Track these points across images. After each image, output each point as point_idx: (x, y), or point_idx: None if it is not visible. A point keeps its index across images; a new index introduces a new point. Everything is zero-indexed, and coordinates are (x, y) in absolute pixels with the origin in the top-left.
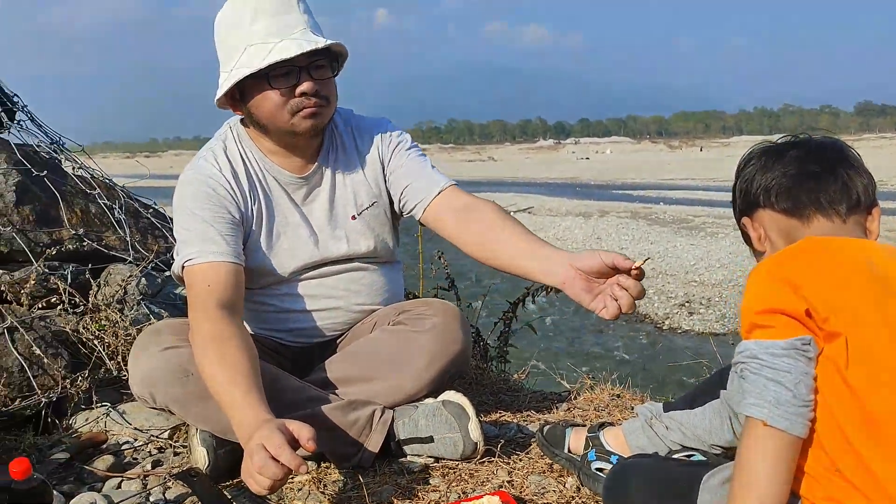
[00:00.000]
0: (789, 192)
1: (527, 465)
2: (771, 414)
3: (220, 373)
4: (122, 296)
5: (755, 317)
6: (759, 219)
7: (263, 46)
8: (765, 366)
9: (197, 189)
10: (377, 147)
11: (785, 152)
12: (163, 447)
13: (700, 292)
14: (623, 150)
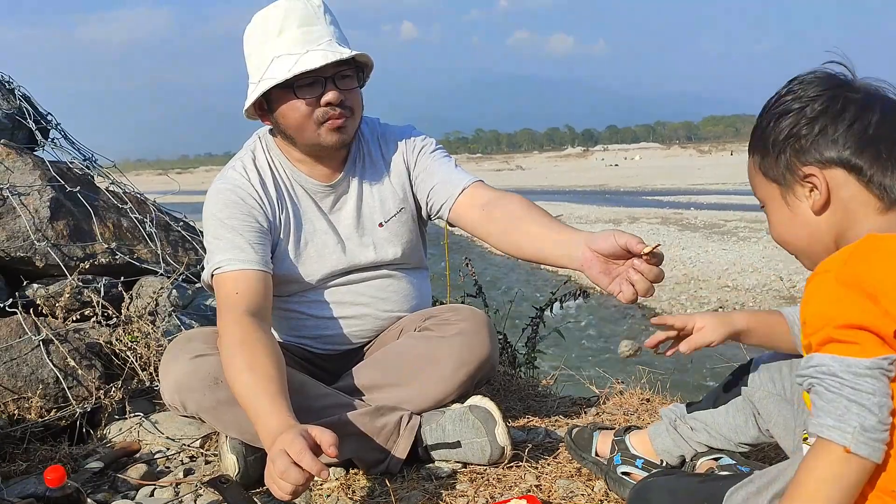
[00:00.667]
0: (888, 166)
1: (555, 470)
2: (855, 441)
3: (246, 379)
4: (154, 307)
5: (835, 331)
6: (833, 177)
7: (290, 57)
8: (845, 385)
9: (226, 198)
10: (402, 154)
11: (863, 101)
12: (194, 456)
13: (734, 297)
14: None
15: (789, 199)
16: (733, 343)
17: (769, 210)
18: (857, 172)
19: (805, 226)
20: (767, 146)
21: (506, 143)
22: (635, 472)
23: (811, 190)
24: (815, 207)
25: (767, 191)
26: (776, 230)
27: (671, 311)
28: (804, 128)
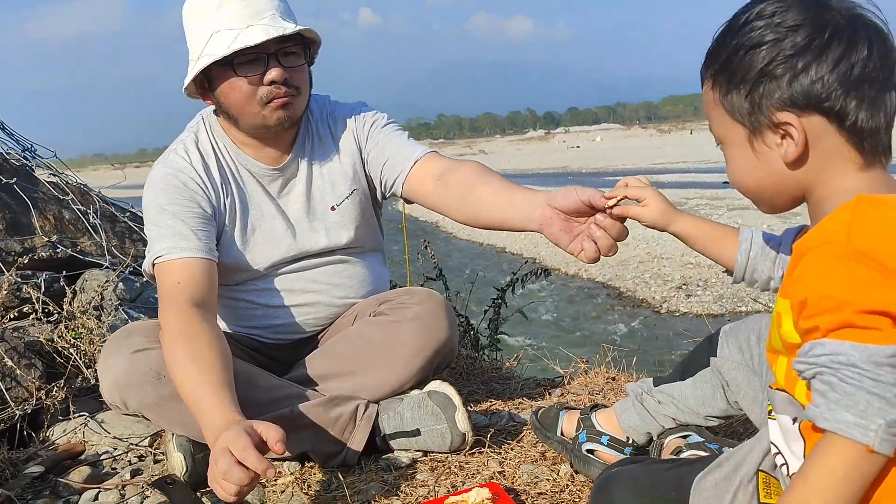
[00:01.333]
0: (874, 107)
1: (519, 455)
2: (879, 439)
3: (189, 373)
4: (99, 302)
5: (855, 315)
6: (812, 126)
7: (229, 33)
8: (866, 377)
9: (167, 183)
10: (353, 132)
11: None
12: (143, 455)
13: (696, 274)
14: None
15: (757, 144)
16: (700, 321)
17: (729, 152)
18: (840, 122)
19: (771, 175)
20: (735, 79)
21: (468, 127)
22: (601, 449)
23: (783, 137)
24: (788, 159)
25: (730, 130)
26: (735, 175)
27: (635, 290)
28: (782, 65)
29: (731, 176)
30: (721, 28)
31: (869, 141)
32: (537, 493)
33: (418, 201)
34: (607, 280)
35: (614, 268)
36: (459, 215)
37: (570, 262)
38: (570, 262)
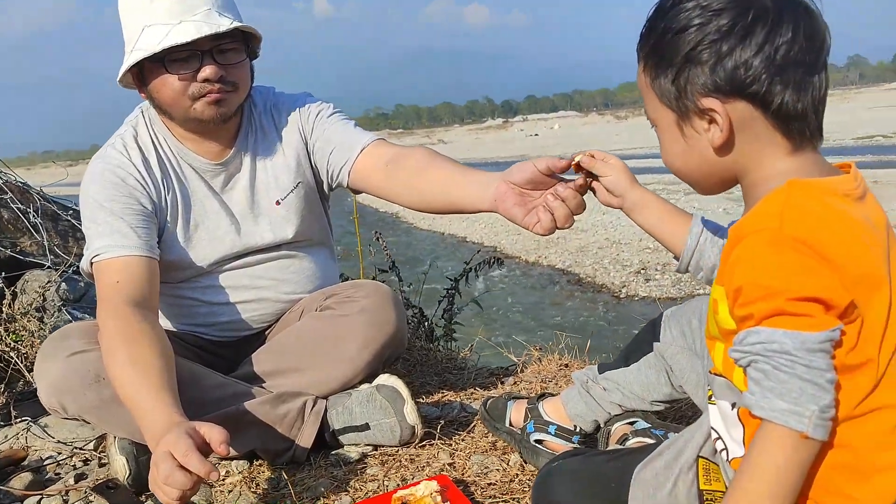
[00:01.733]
0: (801, 90)
1: (469, 446)
2: (813, 425)
3: (128, 376)
4: (41, 303)
5: (787, 303)
6: (738, 112)
7: (161, 28)
8: (798, 363)
9: (106, 179)
10: (297, 123)
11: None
12: (88, 459)
13: (655, 259)
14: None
15: (685, 129)
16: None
17: (660, 135)
18: (765, 107)
19: (700, 159)
20: (663, 63)
21: (426, 117)
22: (549, 439)
23: (710, 123)
24: (715, 144)
25: (660, 114)
26: (668, 158)
27: (595, 276)
28: (706, 50)
29: (664, 158)
30: (652, 8)
31: (796, 125)
32: (487, 484)
33: (366, 190)
34: (567, 267)
35: (574, 254)
36: (410, 201)
37: (530, 251)
38: (530, 250)
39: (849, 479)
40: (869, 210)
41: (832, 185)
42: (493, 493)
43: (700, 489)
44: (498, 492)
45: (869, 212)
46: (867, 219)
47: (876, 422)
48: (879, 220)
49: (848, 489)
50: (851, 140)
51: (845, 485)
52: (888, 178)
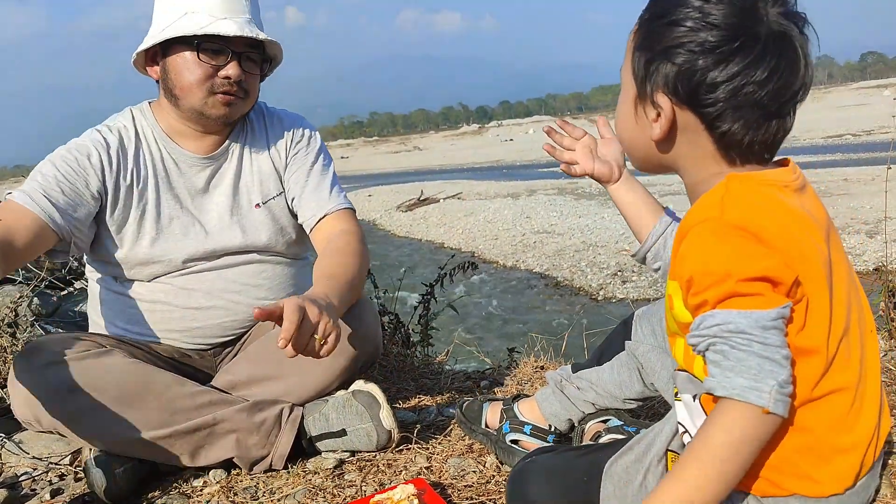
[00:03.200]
0: (759, 126)
1: (446, 449)
2: (773, 400)
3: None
4: (13, 318)
5: (738, 285)
6: (687, 121)
7: (205, 17)
8: (754, 341)
9: (70, 150)
10: (286, 141)
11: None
12: (64, 474)
13: (631, 261)
14: None
15: (638, 109)
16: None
17: (622, 98)
18: (710, 128)
19: (643, 142)
20: (646, 41)
21: (401, 124)
22: (524, 439)
23: (658, 117)
24: (654, 137)
25: (627, 80)
26: (619, 124)
27: (572, 279)
28: (685, 55)
29: (617, 119)
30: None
31: (736, 151)
32: (464, 486)
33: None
34: (545, 270)
35: (551, 258)
36: None
37: (507, 255)
38: (507, 254)
39: (809, 461)
40: (808, 202)
41: (770, 176)
42: (470, 495)
43: None
44: (475, 493)
45: (808, 203)
46: (804, 208)
47: (832, 404)
48: (819, 213)
49: (809, 471)
50: (821, 139)
51: (806, 466)
52: (858, 175)
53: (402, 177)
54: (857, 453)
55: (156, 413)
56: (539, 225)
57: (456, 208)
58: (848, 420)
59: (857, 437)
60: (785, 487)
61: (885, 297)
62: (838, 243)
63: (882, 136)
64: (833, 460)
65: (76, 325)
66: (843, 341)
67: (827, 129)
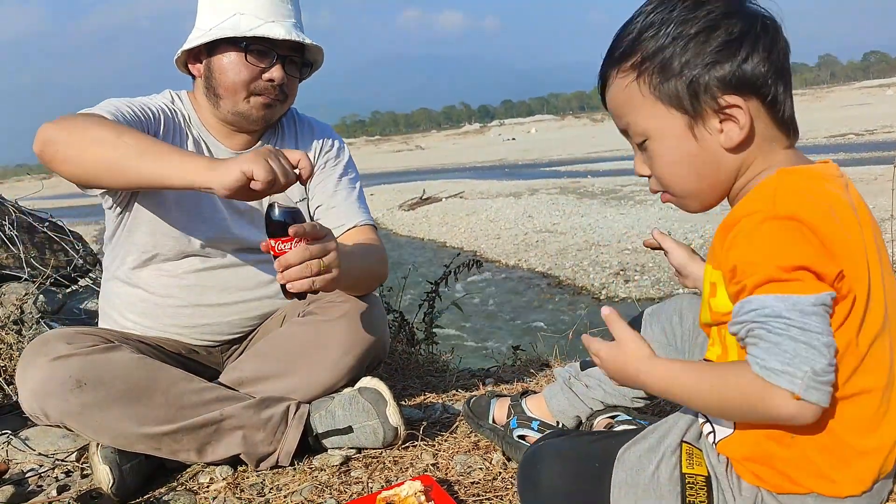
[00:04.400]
0: (791, 99)
1: (452, 446)
2: (805, 386)
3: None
4: (19, 316)
5: (776, 271)
6: (754, 109)
7: (254, 19)
8: (792, 325)
9: (134, 100)
10: (315, 149)
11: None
12: (70, 471)
13: (633, 260)
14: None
15: (698, 131)
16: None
17: (660, 144)
18: (772, 105)
19: (711, 164)
20: (672, 70)
21: (403, 123)
22: (532, 434)
23: (723, 121)
24: (732, 143)
25: (663, 121)
26: (669, 168)
27: (575, 278)
28: (720, 52)
29: (666, 171)
30: (633, 29)
31: (791, 125)
32: (470, 483)
33: None
34: (547, 270)
35: (553, 257)
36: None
37: (510, 254)
38: (510, 253)
39: (829, 462)
40: (854, 198)
41: (819, 170)
42: (477, 492)
43: (682, 472)
44: (481, 490)
45: (854, 200)
46: (851, 204)
47: (857, 406)
48: (863, 210)
49: (828, 471)
50: (824, 138)
51: (825, 467)
52: (861, 175)
53: (404, 176)
54: (879, 457)
55: (162, 409)
56: (541, 224)
57: (458, 207)
58: (872, 423)
59: (879, 441)
60: (802, 485)
61: None
62: (881, 243)
63: (885, 136)
64: (853, 462)
65: (81, 323)
66: (877, 342)
67: (830, 129)
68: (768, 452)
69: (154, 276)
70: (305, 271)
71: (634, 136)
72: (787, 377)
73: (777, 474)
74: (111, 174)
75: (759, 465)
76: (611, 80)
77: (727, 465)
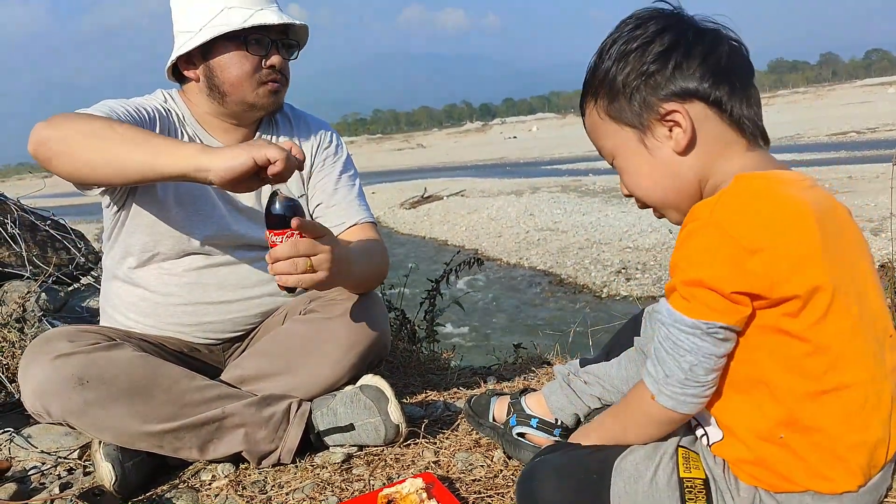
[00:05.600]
0: (744, 95)
1: (453, 444)
2: (658, 390)
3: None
4: (21, 314)
5: (680, 283)
6: (695, 112)
7: (243, 10)
8: (669, 338)
9: (130, 100)
10: (312, 146)
11: (712, 35)
12: (73, 468)
13: (635, 258)
14: (549, 127)
15: (648, 141)
16: (641, 303)
17: (624, 161)
18: (718, 106)
19: (669, 172)
20: (616, 88)
21: (405, 121)
22: (531, 432)
23: (671, 128)
24: (680, 147)
25: (619, 139)
26: (635, 181)
27: (576, 276)
28: (656, 63)
29: (633, 185)
30: (592, 60)
31: (748, 125)
32: (472, 480)
33: None
34: (548, 268)
35: (555, 255)
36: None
37: (511, 253)
38: (511, 252)
39: (821, 459)
40: (820, 198)
41: (780, 174)
42: (478, 489)
43: (680, 477)
44: (482, 487)
45: (821, 199)
46: (816, 203)
47: (842, 401)
48: (833, 210)
49: (821, 468)
50: (826, 137)
51: (818, 464)
52: (862, 173)
53: (405, 174)
54: (872, 451)
55: (165, 406)
56: (543, 222)
57: (459, 206)
58: (861, 417)
59: (871, 436)
60: (798, 483)
61: (891, 294)
62: (855, 239)
63: (887, 134)
64: (846, 458)
65: (83, 321)
66: (853, 339)
67: (831, 127)
68: (761, 453)
69: (154, 274)
70: (291, 267)
71: (606, 158)
72: (650, 379)
73: (772, 474)
74: (106, 167)
75: (754, 466)
76: (585, 112)
77: (724, 467)
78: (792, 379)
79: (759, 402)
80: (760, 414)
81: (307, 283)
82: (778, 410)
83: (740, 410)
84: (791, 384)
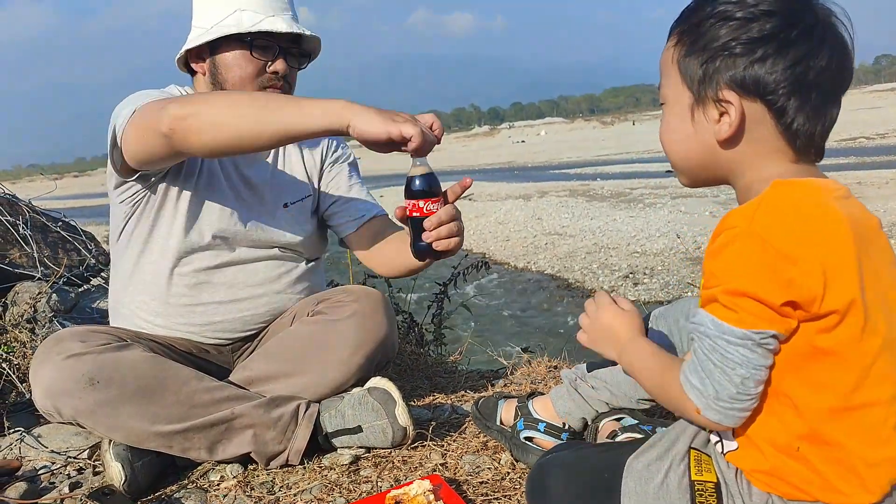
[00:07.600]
0: (817, 111)
1: (461, 446)
2: (707, 405)
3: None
4: (32, 314)
5: (722, 293)
6: (752, 111)
7: (255, 14)
8: (717, 350)
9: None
10: (321, 148)
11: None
12: (83, 468)
13: (643, 263)
14: (557, 131)
15: (696, 114)
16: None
17: (669, 115)
18: (779, 115)
19: (703, 150)
20: (697, 45)
21: None
22: (538, 436)
23: (722, 115)
24: (721, 136)
25: (676, 92)
26: (668, 136)
27: (584, 281)
28: (742, 45)
29: (663, 136)
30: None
31: (802, 141)
32: (479, 483)
33: (350, 248)
34: (556, 272)
35: (562, 260)
36: (383, 271)
37: (518, 256)
38: (518, 255)
39: (837, 473)
40: (854, 209)
41: (819, 182)
42: (485, 491)
43: (691, 480)
44: (490, 490)
45: (855, 210)
46: (851, 215)
47: (866, 418)
48: (867, 220)
49: (836, 482)
50: (835, 142)
51: (834, 478)
52: (872, 179)
53: None
54: (889, 468)
55: (174, 407)
56: (550, 227)
57: (467, 209)
58: (882, 434)
59: (890, 453)
60: (810, 494)
61: None
62: (884, 251)
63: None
64: (863, 474)
65: (94, 322)
66: (882, 356)
67: (840, 133)
68: (776, 463)
69: (163, 275)
70: (454, 229)
71: (659, 98)
72: (696, 392)
73: (786, 484)
74: (252, 132)
75: (769, 476)
76: (667, 42)
77: (737, 472)
78: (818, 394)
79: (780, 415)
80: (781, 426)
81: (457, 245)
82: (799, 424)
83: (761, 422)
84: (816, 399)
